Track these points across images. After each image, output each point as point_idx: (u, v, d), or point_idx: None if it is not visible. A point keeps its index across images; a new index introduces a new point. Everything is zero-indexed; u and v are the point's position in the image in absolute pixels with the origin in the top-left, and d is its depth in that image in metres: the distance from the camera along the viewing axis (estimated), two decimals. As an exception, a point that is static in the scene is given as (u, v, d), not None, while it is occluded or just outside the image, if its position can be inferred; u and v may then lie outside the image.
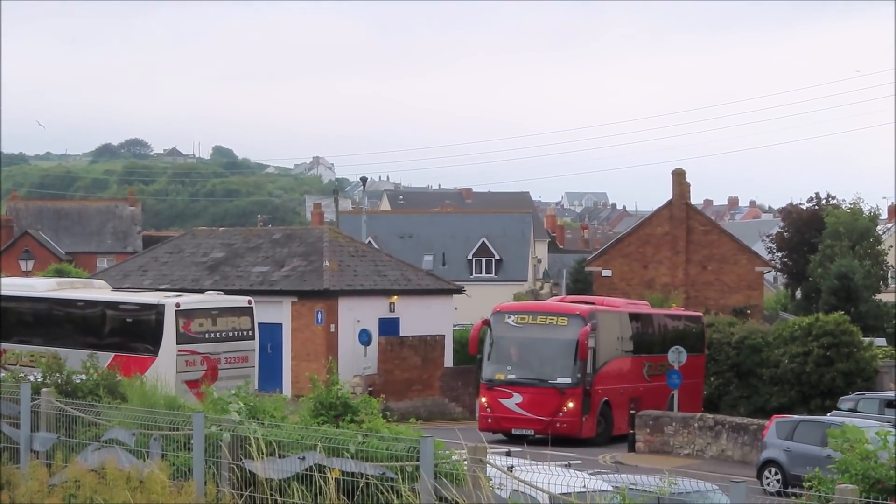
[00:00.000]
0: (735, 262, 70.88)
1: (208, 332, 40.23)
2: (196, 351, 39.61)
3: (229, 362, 40.17)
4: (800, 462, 34.21)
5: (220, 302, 42.03)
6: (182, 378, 37.05)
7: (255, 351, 41.59)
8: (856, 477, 16.31)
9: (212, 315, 40.62)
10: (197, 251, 59.22)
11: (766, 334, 55.51)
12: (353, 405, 17.92)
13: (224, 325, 40.73)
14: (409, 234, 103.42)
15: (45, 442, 19.98)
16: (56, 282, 45.88)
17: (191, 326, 39.78)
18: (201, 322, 40.14)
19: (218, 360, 39.86)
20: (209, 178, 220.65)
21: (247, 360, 40.89)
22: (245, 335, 41.27)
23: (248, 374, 39.45)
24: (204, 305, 41.05)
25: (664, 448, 43.85)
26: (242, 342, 41.12)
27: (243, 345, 41.09)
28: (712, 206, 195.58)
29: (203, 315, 40.35)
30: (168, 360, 38.54)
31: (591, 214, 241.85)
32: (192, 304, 40.63)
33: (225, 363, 40.04)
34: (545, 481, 14.97)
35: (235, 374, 38.62)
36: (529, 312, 46.78)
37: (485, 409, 45.35)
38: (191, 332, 39.75)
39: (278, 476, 16.11)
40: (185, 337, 39.56)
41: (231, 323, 41.02)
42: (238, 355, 40.68)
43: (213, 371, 39.27)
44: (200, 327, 40.03)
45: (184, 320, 39.71)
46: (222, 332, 40.61)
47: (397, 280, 58.02)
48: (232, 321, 41.07)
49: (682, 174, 71.70)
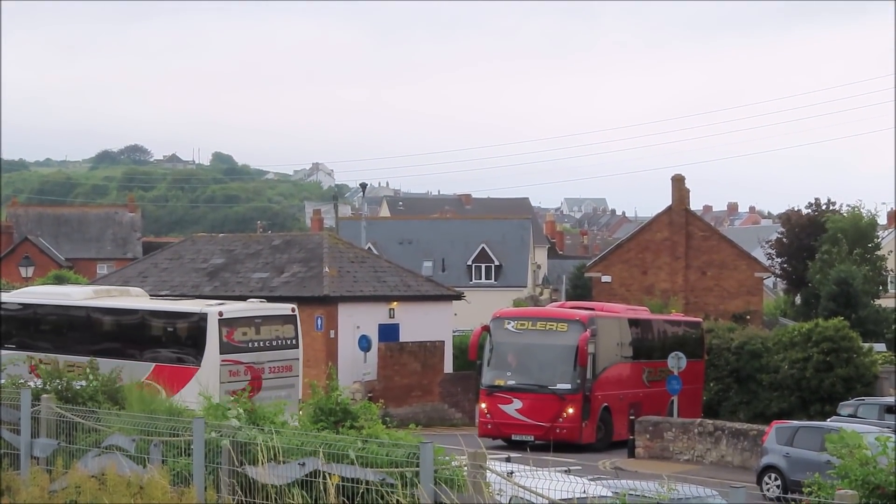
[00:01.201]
0: (734, 268, 70.88)
1: (252, 340, 38.81)
2: (240, 361, 38.06)
3: (273, 372, 38.55)
4: (800, 467, 34.23)
5: (263, 310, 40.57)
6: (225, 389, 35.28)
7: (299, 360, 40.01)
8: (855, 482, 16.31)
9: (255, 323, 39.21)
10: (197, 257, 59.23)
11: (765, 340, 55.51)
12: (352, 411, 17.95)
13: (268, 334, 39.30)
14: (409, 240, 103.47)
15: (45, 448, 20.00)
16: (93, 289, 44.39)
17: (234, 335, 38.32)
18: (244, 331, 38.74)
19: (262, 370, 38.30)
20: (209, 184, 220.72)
21: (291, 369, 39.30)
22: (289, 344, 39.69)
23: (292, 383, 38.70)
24: (247, 314, 39.55)
25: (664, 454, 43.85)
26: (286, 351, 39.49)
27: (287, 354, 39.46)
28: (712, 212, 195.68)
29: (246, 323, 38.96)
30: (211, 371, 37.19)
31: (591, 220, 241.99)
32: (235, 313, 39.11)
33: (269, 373, 38.44)
34: (545, 487, 14.99)
35: (279, 384, 37.76)
36: (529, 318, 46.80)
37: (484, 415, 45.36)
38: (234, 342, 38.29)
39: (278, 482, 16.12)
40: (228, 346, 38.04)
41: (275, 331, 39.56)
42: (282, 364, 39.01)
43: (256, 381, 37.44)
44: (244, 336, 38.64)
45: (227, 329, 38.19)
46: (266, 340, 39.15)
47: (397, 286, 58.02)
48: (275, 329, 39.62)
49: (682, 180, 71.73)
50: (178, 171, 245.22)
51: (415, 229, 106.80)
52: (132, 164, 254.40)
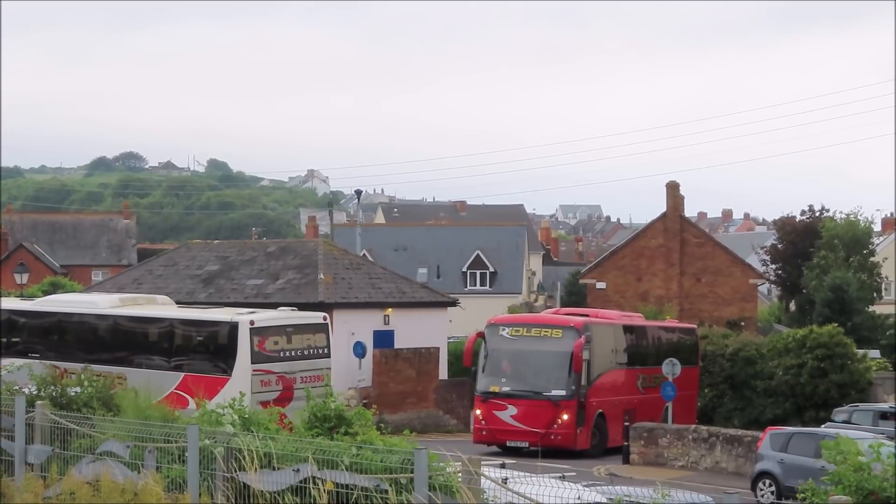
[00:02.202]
0: (729, 275, 70.92)
1: (283, 350, 38.03)
2: (271, 370, 37.26)
3: (305, 381, 37.47)
4: (794, 474, 34.23)
5: (294, 318, 39.92)
6: (257, 399, 34.65)
7: (330, 369, 39.10)
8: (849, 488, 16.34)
9: (286, 332, 38.49)
10: (192, 264, 59.22)
11: (760, 346, 55.54)
12: (347, 417, 17.96)
13: (299, 343, 38.56)
14: (404, 247, 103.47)
15: (39, 454, 19.99)
16: (119, 298, 43.15)
17: (265, 344, 37.56)
18: (276, 340, 37.95)
19: (293, 380, 37.42)
20: (204, 191, 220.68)
21: (322, 378, 37.62)
22: (320, 353, 39.03)
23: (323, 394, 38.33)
24: (279, 322, 38.84)
25: (658, 460, 43.85)
26: (318, 360, 38.78)
27: (319, 363, 38.70)
28: (706, 219, 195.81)
29: (278, 332, 38.22)
30: (243, 381, 36.25)
31: (586, 227, 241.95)
32: (266, 322, 38.30)
33: (300, 382, 37.43)
34: (540, 493, 14.99)
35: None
36: (524, 325, 46.81)
37: (479, 422, 45.35)
38: (266, 351, 37.53)
39: (272, 488, 16.13)
40: (260, 356, 37.28)
41: (306, 340, 38.84)
42: (314, 374, 38.06)
43: (288, 391, 36.85)
44: (275, 345, 37.86)
45: (258, 338, 37.45)
46: (297, 350, 38.38)
47: (392, 293, 58.02)
48: (307, 338, 38.89)
49: (676, 187, 71.77)
50: (173, 178, 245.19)
51: (410, 236, 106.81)
52: (127, 171, 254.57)
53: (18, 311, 43.35)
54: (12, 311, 43.28)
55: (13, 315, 43.00)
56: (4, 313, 43.05)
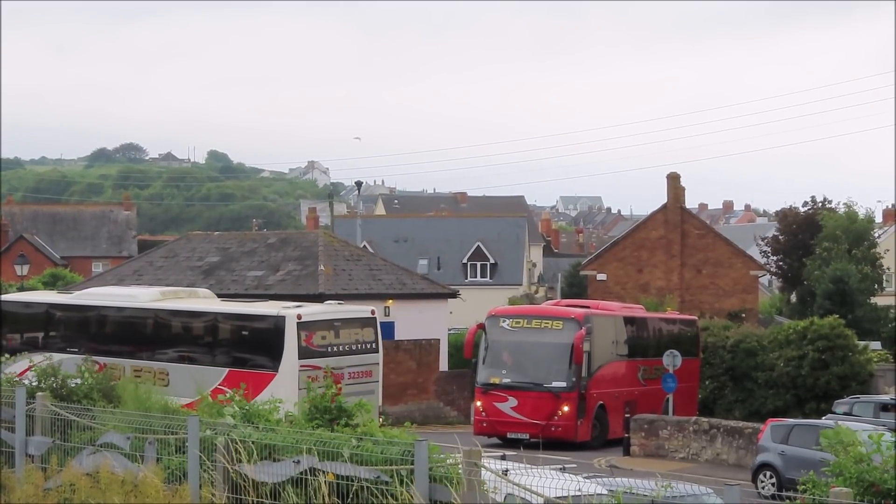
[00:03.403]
0: (730, 266, 70.91)
1: (331, 345, 37.01)
2: (319, 366, 35.20)
3: (353, 377, 36.52)
4: (795, 465, 34.23)
5: (342, 313, 38.67)
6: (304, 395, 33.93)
7: (379, 364, 38.20)
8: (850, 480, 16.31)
9: (334, 327, 37.37)
10: (192, 255, 59.20)
11: (761, 338, 55.50)
12: (347, 409, 17.94)
13: (347, 338, 37.45)
14: (404, 239, 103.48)
15: (40, 446, 19.98)
16: (160, 291, 41.75)
17: (313, 339, 36.52)
18: (323, 335, 36.90)
19: (341, 376, 35.44)
20: (204, 182, 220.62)
21: (371, 374, 37.54)
22: (369, 347, 37.88)
23: (372, 389, 37.06)
24: (326, 317, 37.65)
25: (659, 452, 43.86)
26: (366, 355, 37.68)
27: (367, 358, 37.65)
28: (707, 210, 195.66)
29: (325, 327, 37.11)
30: (290, 377, 35.39)
31: (586, 218, 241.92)
32: (314, 316, 37.22)
33: (349, 378, 36.13)
34: (540, 485, 14.97)
35: (359, 391, 35.33)
36: (524, 316, 46.79)
37: (480, 413, 45.35)
38: (313, 346, 36.47)
39: (273, 480, 16.12)
40: (307, 351, 36.18)
41: (354, 335, 37.71)
42: (362, 369, 37.22)
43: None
44: (323, 340, 36.82)
45: (305, 333, 36.37)
46: (345, 344, 37.35)
47: (392, 284, 58.01)
48: (355, 333, 37.77)
49: (677, 178, 71.72)
50: (173, 169, 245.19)
51: (410, 227, 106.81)
52: (127, 163, 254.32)
53: (56, 305, 42.19)
54: (49, 305, 42.18)
55: (50, 308, 41.92)
56: (42, 307, 42.01)
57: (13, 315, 42.11)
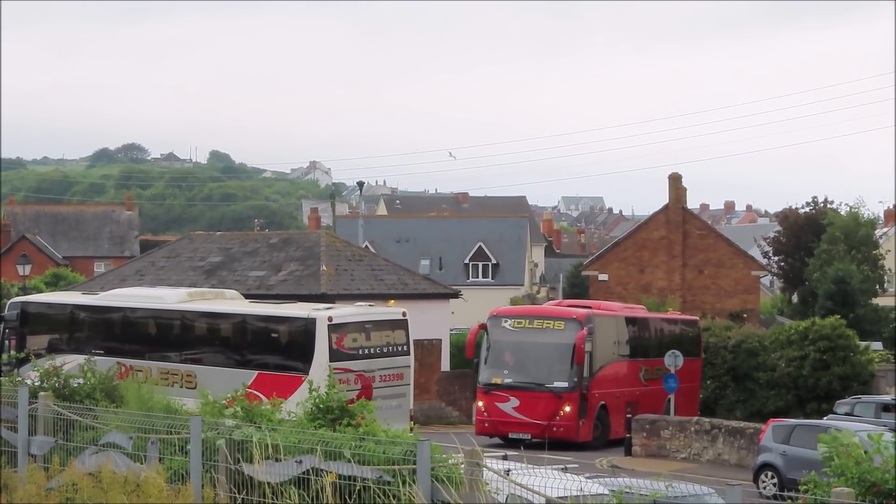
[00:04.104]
0: (731, 267, 70.92)
1: (362, 347, 36.28)
2: (350, 369, 35.15)
3: (384, 380, 36.01)
4: (796, 466, 34.24)
5: (373, 314, 37.95)
6: None
7: (410, 367, 37.60)
8: (852, 480, 16.31)
9: (365, 329, 36.67)
10: (194, 255, 59.20)
11: (762, 338, 55.51)
12: (350, 409, 17.96)
13: (378, 340, 36.75)
14: (406, 239, 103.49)
15: (42, 445, 20.00)
16: (187, 292, 41.05)
17: (344, 342, 35.80)
18: (355, 337, 36.21)
19: (372, 379, 35.60)
20: (206, 182, 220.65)
21: (402, 377, 36.88)
22: (400, 350, 37.20)
23: (403, 392, 36.69)
24: (357, 318, 36.98)
25: (661, 452, 43.88)
26: (398, 358, 37.00)
27: (399, 361, 36.97)
28: (709, 211, 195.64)
29: (356, 329, 36.43)
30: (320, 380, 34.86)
31: (588, 219, 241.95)
32: (345, 318, 36.57)
33: (380, 381, 35.78)
34: (542, 485, 14.99)
35: (390, 394, 35.74)
36: (526, 317, 46.81)
37: (482, 413, 45.38)
38: (344, 349, 35.72)
39: (275, 479, 16.14)
40: (338, 353, 35.34)
41: (385, 337, 36.96)
42: (394, 372, 36.59)
43: (367, 391, 34.48)
44: (354, 342, 36.11)
45: (336, 335, 35.63)
46: (376, 347, 36.60)
47: (394, 284, 57.98)
48: (386, 335, 37.01)
49: (679, 178, 71.74)
50: (175, 169, 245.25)
51: (412, 228, 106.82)
52: (129, 163, 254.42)
53: (80, 306, 41.43)
54: (74, 306, 41.51)
55: (74, 309, 41.23)
56: (66, 307, 41.37)
57: (37, 316, 41.45)
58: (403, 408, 36.07)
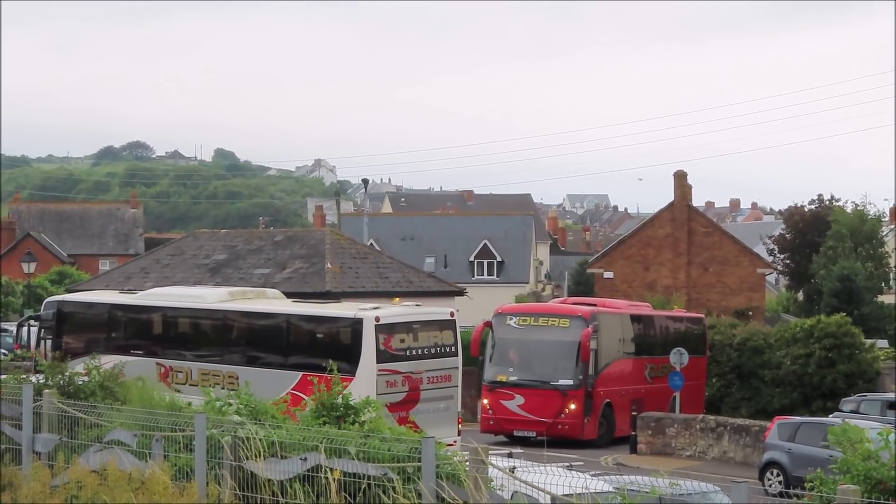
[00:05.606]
0: (737, 264, 70.85)
1: (409, 348, 35.37)
2: (397, 370, 34.50)
3: (432, 382, 35.19)
4: (802, 463, 34.19)
5: (421, 315, 36.91)
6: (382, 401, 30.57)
7: (458, 369, 36.56)
8: (857, 478, 16.29)
9: (413, 329, 35.73)
10: (199, 253, 59.21)
11: (767, 336, 55.43)
12: (355, 406, 17.95)
13: (426, 341, 35.80)
14: (411, 237, 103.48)
15: (47, 443, 20.00)
16: (228, 291, 39.95)
17: (391, 343, 34.89)
18: (402, 338, 35.27)
19: (420, 381, 34.87)
20: (211, 180, 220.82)
21: (450, 379, 35.89)
22: (448, 351, 36.16)
23: (451, 394, 35.83)
24: (405, 319, 36.08)
25: (666, 450, 43.85)
26: (446, 359, 35.96)
27: (447, 362, 35.95)
28: (714, 208, 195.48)
29: (404, 329, 35.50)
30: (368, 382, 33.26)
31: (593, 216, 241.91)
32: (392, 318, 35.62)
33: (427, 383, 35.03)
34: (547, 482, 14.97)
35: (438, 396, 35.13)
36: (531, 314, 46.81)
37: (486, 411, 45.36)
38: (391, 350, 34.80)
39: (280, 477, 16.12)
40: (385, 355, 34.51)
41: (433, 338, 36.01)
42: (441, 374, 35.60)
43: (414, 392, 34.49)
44: (401, 343, 35.19)
45: (384, 336, 34.70)
46: (424, 348, 35.68)
47: (399, 282, 57.96)
48: (434, 336, 36.06)
49: (684, 176, 71.68)
50: (180, 167, 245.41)
51: (417, 225, 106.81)
52: (134, 161, 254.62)
53: (119, 305, 40.46)
54: (111, 305, 40.56)
55: (112, 309, 40.29)
56: (104, 307, 40.48)
57: (73, 316, 40.69)
58: (451, 410, 35.44)
